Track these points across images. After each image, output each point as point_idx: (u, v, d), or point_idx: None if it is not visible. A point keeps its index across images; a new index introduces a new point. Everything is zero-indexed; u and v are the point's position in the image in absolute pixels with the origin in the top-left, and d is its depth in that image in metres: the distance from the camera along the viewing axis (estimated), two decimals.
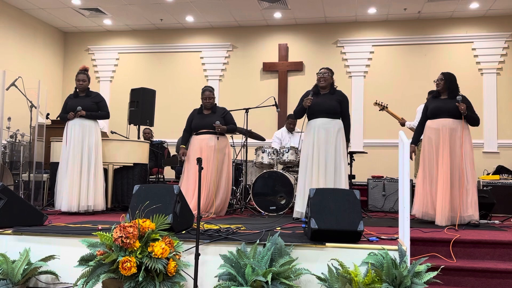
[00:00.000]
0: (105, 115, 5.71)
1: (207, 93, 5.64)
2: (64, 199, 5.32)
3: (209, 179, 5.42)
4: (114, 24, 9.61)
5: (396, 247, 3.21)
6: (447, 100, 4.92)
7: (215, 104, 5.76)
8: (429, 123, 5.01)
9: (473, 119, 4.88)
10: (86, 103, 5.54)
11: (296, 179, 5.67)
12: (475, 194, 4.78)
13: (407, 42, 8.97)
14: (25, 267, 3.40)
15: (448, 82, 4.96)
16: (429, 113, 5.03)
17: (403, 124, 6.08)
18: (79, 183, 5.37)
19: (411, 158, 5.31)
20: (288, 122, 7.07)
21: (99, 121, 5.81)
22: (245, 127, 6.39)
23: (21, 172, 6.34)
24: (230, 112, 5.82)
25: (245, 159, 6.37)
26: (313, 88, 5.20)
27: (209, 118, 5.58)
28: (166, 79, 9.66)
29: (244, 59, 9.49)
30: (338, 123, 5.06)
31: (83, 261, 3.17)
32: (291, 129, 7.07)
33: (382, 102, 6.27)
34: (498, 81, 8.59)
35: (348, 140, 5.12)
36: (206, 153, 5.45)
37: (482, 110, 8.41)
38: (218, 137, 5.53)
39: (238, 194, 6.57)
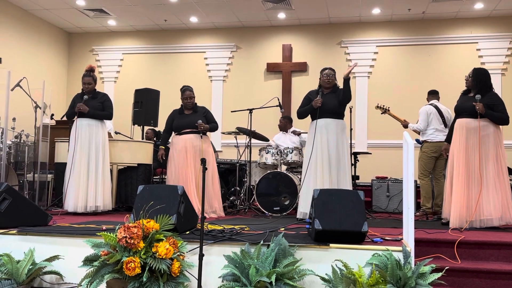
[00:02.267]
0: (108, 115, 5.68)
1: (188, 92, 5.65)
2: (72, 199, 5.33)
3: (198, 179, 5.39)
4: (118, 25, 9.63)
5: (400, 248, 3.20)
6: (472, 98, 4.72)
7: (196, 103, 5.76)
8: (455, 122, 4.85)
9: (496, 118, 4.66)
10: (92, 104, 5.54)
11: (300, 180, 5.66)
12: (504, 195, 4.55)
13: (411, 43, 8.95)
14: (30, 267, 3.41)
15: (475, 78, 4.76)
16: (454, 111, 4.89)
17: (405, 126, 6.05)
18: (87, 184, 5.38)
19: (444, 155, 5.19)
20: (280, 123, 7.16)
21: (107, 122, 5.82)
22: (249, 128, 6.39)
23: (26, 173, 6.36)
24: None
25: (249, 159, 6.37)
26: (318, 88, 5.20)
27: (191, 117, 5.58)
28: (170, 79, 9.67)
29: (248, 60, 9.50)
30: (342, 123, 5.07)
31: (88, 261, 3.18)
32: (282, 129, 7.13)
33: (383, 105, 6.24)
34: (503, 82, 8.56)
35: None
36: (192, 153, 5.45)
37: None
38: (201, 136, 5.53)
39: (242, 194, 6.57)
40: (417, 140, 5.89)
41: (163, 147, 5.68)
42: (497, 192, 4.57)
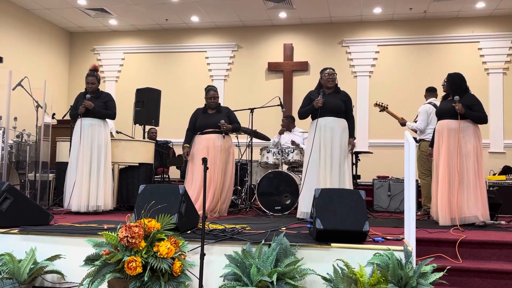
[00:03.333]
0: (111, 115, 5.69)
1: (212, 92, 5.64)
2: (74, 199, 5.34)
3: (216, 178, 5.41)
4: (120, 24, 9.64)
5: (401, 248, 3.20)
6: (451, 101, 4.92)
7: (219, 103, 5.77)
8: (436, 125, 5.05)
9: (475, 118, 4.84)
10: (96, 103, 5.54)
11: (301, 179, 5.66)
12: (482, 194, 4.72)
13: (412, 42, 8.94)
14: (31, 267, 3.42)
15: (450, 83, 4.98)
16: (436, 115, 5.09)
17: (403, 124, 6.05)
18: (88, 183, 5.39)
19: (428, 160, 5.34)
20: (283, 122, 7.19)
21: (108, 121, 5.82)
22: (250, 127, 6.39)
23: (27, 172, 6.36)
24: (235, 111, 5.82)
25: (250, 159, 6.37)
26: (317, 88, 5.20)
27: (214, 117, 5.58)
28: (171, 79, 9.67)
29: (249, 59, 9.50)
30: (343, 122, 5.06)
31: (89, 260, 3.18)
32: (286, 128, 7.17)
33: (382, 103, 6.24)
34: (505, 81, 8.55)
35: (353, 136, 5.13)
36: (213, 153, 5.44)
37: (488, 110, 8.30)
38: (224, 136, 5.53)
39: (243, 194, 6.57)
40: (414, 139, 5.88)
41: (188, 145, 5.65)
42: (477, 191, 4.71)
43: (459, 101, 4.80)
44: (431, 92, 6.18)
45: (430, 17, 8.79)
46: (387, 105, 6.23)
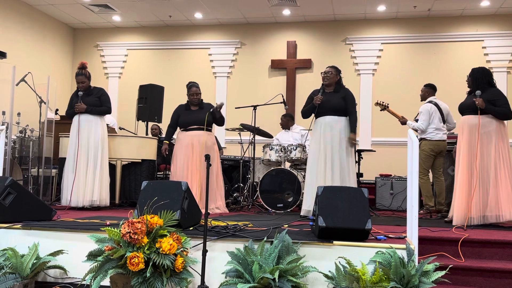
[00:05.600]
0: (106, 110, 5.67)
1: (194, 89, 5.63)
2: (70, 194, 5.34)
3: (202, 175, 5.38)
4: (123, 21, 9.64)
5: (404, 246, 3.20)
6: (473, 96, 4.77)
7: (202, 99, 5.75)
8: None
9: (496, 113, 4.68)
10: (89, 100, 5.55)
11: (304, 177, 5.66)
12: (505, 192, 4.56)
13: (416, 40, 8.91)
14: (34, 262, 3.43)
15: (472, 78, 4.85)
16: (459, 111, 4.94)
17: (403, 123, 5.99)
18: (85, 178, 5.40)
19: (453, 157, 5.17)
20: (282, 121, 7.18)
21: (108, 117, 5.82)
22: (252, 124, 6.38)
23: (30, 167, 6.38)
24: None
25: (252, 156, 6.37)
26: (321, 87, 5.20)
27: (197, 113, 5.57)
28: (174, 75, 9.67)
29: (252, 56, 9.48)
30: (344, 120, 5.06)
31: (91, 256, 3.19)
32: (284, 127, 7.15)
33: (383, 102, 6.19)
34: (509, 80, 8.52)
35: (354, 131, 5.06)
36: (199, 149, 5.44)
37: None
38: (208, 134, 5.53)
39: (245, 191, 6.57)
40: None
41: (168, 142, 5.67)
42: (498, 189, 4.57)
43: (481, 96, 4.66)
44: (431, 88, 6.01)
45: (434, 15, 8.76)
46: (387, 104, 6.19)
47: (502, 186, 4.59)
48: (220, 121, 5.71)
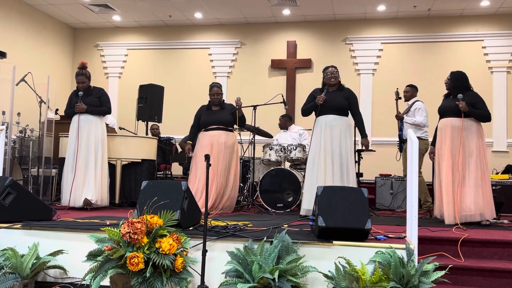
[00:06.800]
0: (106, 111, 5.66)
1: (215, 89, 5.64)
2: (70, 193, 5.34)
3: (219, 175, 5.40)
4: (123, 20, 9.64)
5: (403, 246, 3.20)
6: (454, 99, 4.90)
7: (223, 100, 5.76)
8: (439, 123, 5.02)
9: (478, 116, 4.82)
10: (89, 100, 5.54)
11: (304, 177, 5.66)
12: (487, 192, 4.70)
13: (416, 40, 8.91)
14: (34, 261, 3.43)
15: (453, 81, 4.96)
16: (438, 113, 5.05)
17: (399, 118, 6.10)
18: (84, 178, 5.39)
19: (430, 159, 5.32)
20: (280, 121, 7.20)
21: (109, 117, 5.82)
22: (253, 124, 6.38)
23: (30, 167, 6.38)
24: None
25: (252, 156, 6.37)
26: (323, 86, 5.20)
27: (218, 114, 5.57)
28: (174, 75, 9.67)
29: (252, 56, 9.48)
30: (346, 120, 5.06)
31: (91, 256, 3.19)
32: (282, 127, 7.17)
33: (399, 93, 6.37)
34: (509, 80, 8.52)
35: (365, 135, 5.17)
36: (217, 149, 5.43)
37: (492, 109, 8.32)
38: (228, 134, 5.53)
39: (245, 191, 6.57)
40: None
41: (191, 142, 5.66)
42: (478, 190, 4.69)
43: (462, 99, 4.78)
44: (415, 89, 6.33)
45: (434, 15, 8.76)
46: (400, 97, 6.36)
47: (485, 185, 4.73)
48: (241, 121, 5.69)
